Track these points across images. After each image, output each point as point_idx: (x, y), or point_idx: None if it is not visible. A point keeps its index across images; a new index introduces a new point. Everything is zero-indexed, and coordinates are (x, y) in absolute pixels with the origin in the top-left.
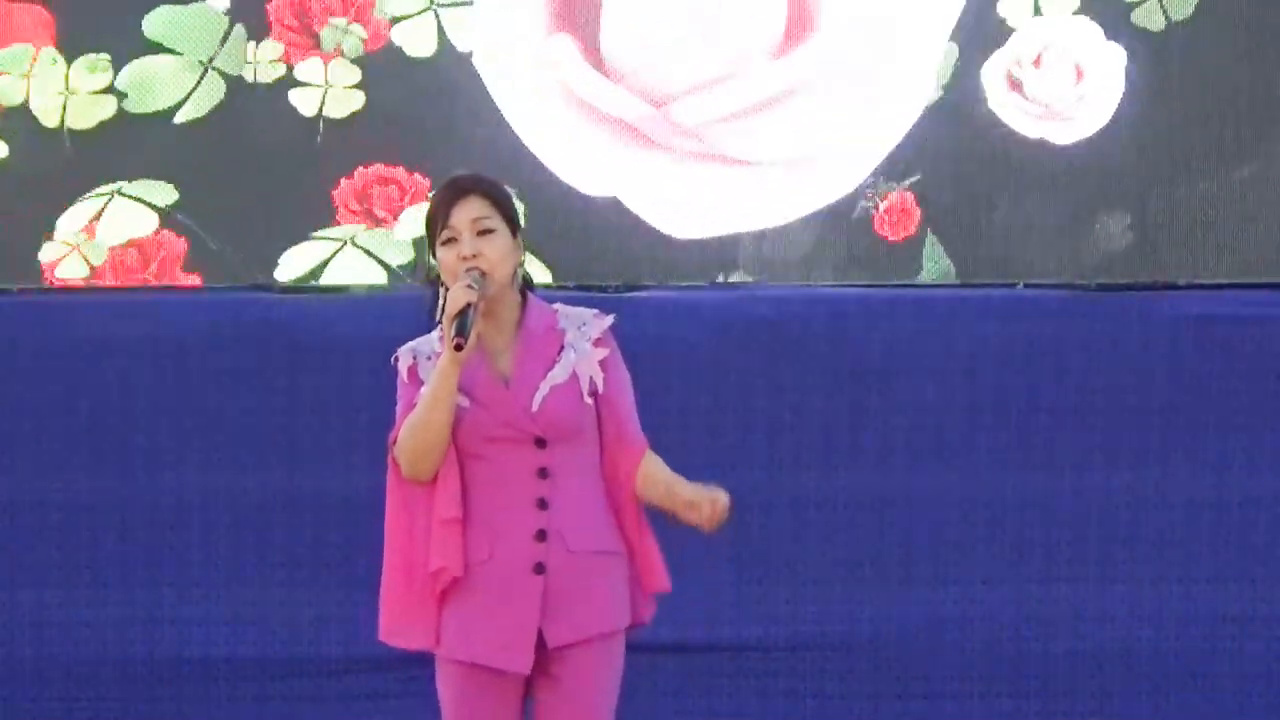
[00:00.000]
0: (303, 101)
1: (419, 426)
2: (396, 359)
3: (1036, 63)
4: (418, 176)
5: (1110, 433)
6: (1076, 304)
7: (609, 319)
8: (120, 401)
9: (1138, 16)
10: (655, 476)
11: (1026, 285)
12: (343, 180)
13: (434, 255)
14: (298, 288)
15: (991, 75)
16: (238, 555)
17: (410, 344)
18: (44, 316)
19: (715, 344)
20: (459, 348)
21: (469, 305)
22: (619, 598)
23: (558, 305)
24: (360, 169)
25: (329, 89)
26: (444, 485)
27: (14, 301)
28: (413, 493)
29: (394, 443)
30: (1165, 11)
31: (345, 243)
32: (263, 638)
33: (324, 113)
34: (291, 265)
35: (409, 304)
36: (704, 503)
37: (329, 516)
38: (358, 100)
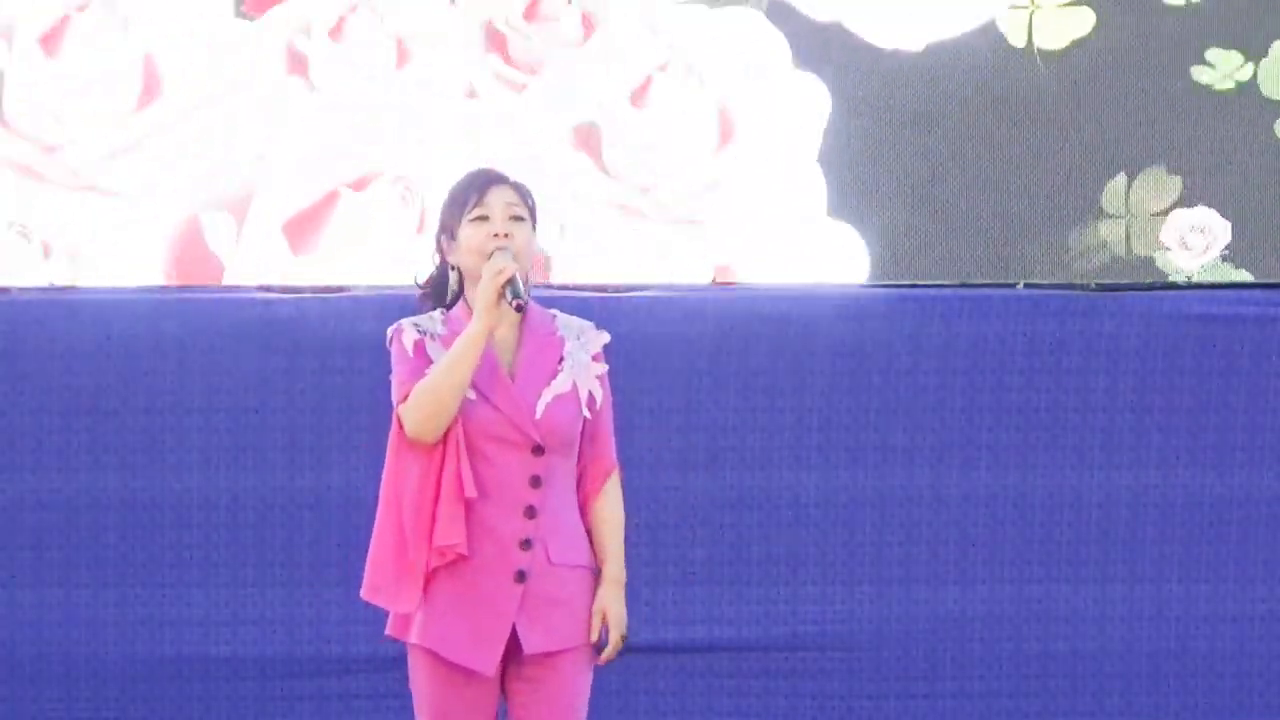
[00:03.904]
0: None
1: (440, 381)
2: (399, 332)
3: None
4: None
5: (1110, 433)
6: (1076, 304)
7: (606, 335)
8: (120, 401)
9: None
10: (600, 537)
11: (1026, 285)
12: None
13: (452, 237)
14: (298, 288)
15: None
16: (238, 555)
17: (408, 319)
18: (44, 316)
19: (715, 344)
20: (520, 309)
21: (515, 274)
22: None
23: (554, 312)
24: None
25: None
26: (463, 461)
27: (14, 301)
28: (415, 458)
29: (403, 400)
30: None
31: None
32: (263, 638)
33: None
34: None
35: (409, 303)
36: (600, 625)
37: (329, 516)
38: None
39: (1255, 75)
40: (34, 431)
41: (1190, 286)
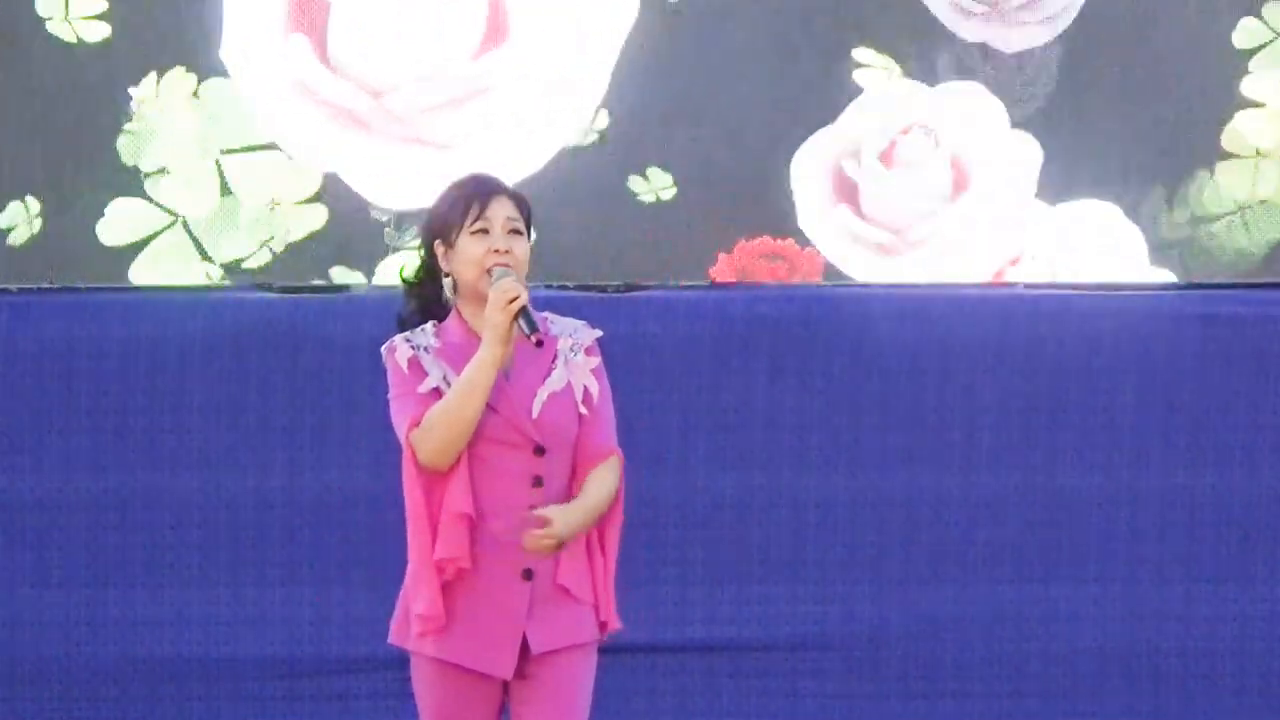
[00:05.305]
0: None
1: (454, 413)
2: (392, 350)
3: None
4: None
5: (1110, 433)
6: (1076, 304)
7: (597, 331)
8: (121, 401)
9: None
10: (582, 490)
11: (1027, 285)
12: None
13: (449, 245)
14: (298, 288)
15: None
16: (238, 555)
17: (399, 336)
18: (44, 316)
19: (715, 344)
20: (539, 344)
21: (528, 303)
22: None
23: (546, 314)
24: None
25: None
26: (460, 477)
27: (15, 301)
28: (431, 483)
29: (413, 426)
30: None
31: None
32: (263, 638)
33: None
34: None
35: None
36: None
37: (329, 516)
38: None
39: None
40: (34, 431)
41: (1190, 286)
